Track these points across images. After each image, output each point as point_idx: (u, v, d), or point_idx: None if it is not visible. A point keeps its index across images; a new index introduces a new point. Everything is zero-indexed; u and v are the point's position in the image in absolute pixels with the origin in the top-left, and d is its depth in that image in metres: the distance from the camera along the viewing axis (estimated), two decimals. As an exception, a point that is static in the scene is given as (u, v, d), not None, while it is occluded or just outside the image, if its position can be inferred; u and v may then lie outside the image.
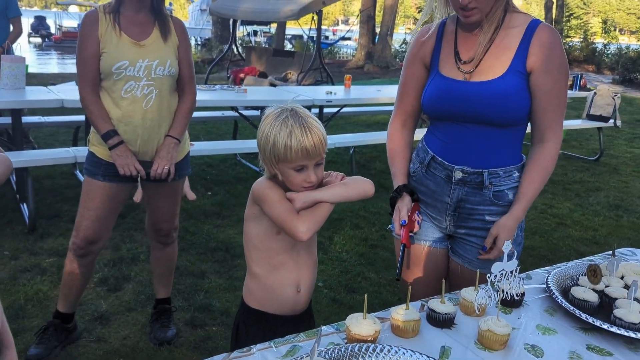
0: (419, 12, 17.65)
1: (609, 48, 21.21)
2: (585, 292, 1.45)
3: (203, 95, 5.14)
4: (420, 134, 1.83)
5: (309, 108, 5.22)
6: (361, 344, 1.15)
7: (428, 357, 1.10)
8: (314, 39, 9.92)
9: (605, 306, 1.44)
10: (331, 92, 5.57)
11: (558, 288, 1.50)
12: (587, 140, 8.02)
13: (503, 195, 1.67)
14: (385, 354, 1.12)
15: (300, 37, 25.25)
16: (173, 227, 2.67)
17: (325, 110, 5.63)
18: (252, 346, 1.22)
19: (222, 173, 5.69)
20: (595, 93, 7.03)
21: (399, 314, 1.25)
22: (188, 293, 3.17)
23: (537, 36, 1.60)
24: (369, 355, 1.12)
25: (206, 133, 7.15)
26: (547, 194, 5.39)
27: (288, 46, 21.10)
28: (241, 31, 24.11)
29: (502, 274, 1.32)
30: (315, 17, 9.44)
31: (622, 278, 1.56)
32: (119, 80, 2.23)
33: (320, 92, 5.67)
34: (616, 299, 1.43)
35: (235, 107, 5.65)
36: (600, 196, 5.58)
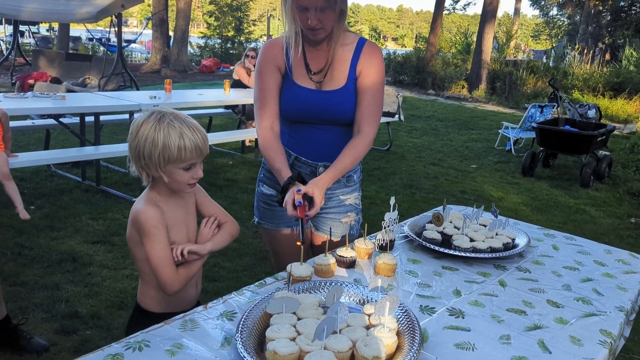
0: (210, 16, 17.70)
1: (381, 53, 24.13)
2: (432, 232, 2.02)
3: (13, 103, 4.78)
4: (241, 134, 2.06)
5: (132, 113, 5.22)
6: (314, 281, 1.55)
7: (358, 285, 1.53)
8: (102, 41, 9.54)
9: (445, 240, 2.03)
10: (155, 97, 5.63)
11: (413, 232, 2.05)
12: (378, 133, 9.32)
13: (351, 178, 2.10)
14: (329, 285, 1.53)
15: (79, 38, 23.47)
16: None
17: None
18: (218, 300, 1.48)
19: (40, 186, 5.34)
20: (382, 92, 8.24)
21: (322, 260, 1.65)
22: (47, 305, 3.09)
23: (364, 50, 1.96)
24: (323, 288, 1.52)
25: None
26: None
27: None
28: (2, 31, 21.50)
29: (390, 220, 1.81)
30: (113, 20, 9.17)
31: (450, 222, 2.18)
32: None
33: (143, 97, 5.68)
34: (452, 235, 2.03)
35: (56, 115, 5.27)
36: (396, 179, 6.66)
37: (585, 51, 19.32)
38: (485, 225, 2.12)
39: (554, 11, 32.28)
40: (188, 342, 1.26)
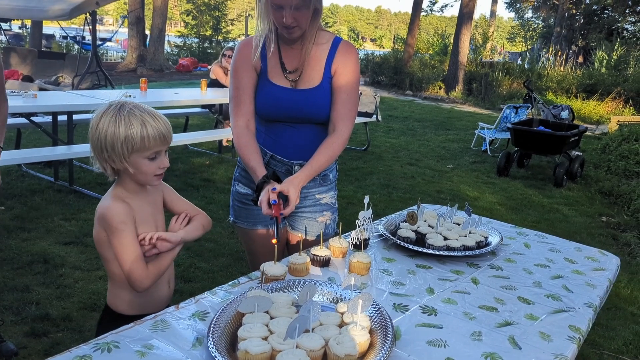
0: (188, 15, 17.57)
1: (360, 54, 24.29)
2: (406, 231, 2.03)
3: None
4: (218, 134, 2.06)
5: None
6: (288, 280, 1.54)
7: (332, 284, 1.53)
8: (77, 39, 9.38)
9: (419, 239, 2.04)
10: (130, 95, 5.55)
11: (388, 232, 2.06)
12: (356, 134, 9.35)
13: (327, 177, 2.10)
14: (303, 284, 1.52)
15: (52, 36, 23.02)
16: None
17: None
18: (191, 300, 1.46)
19: (10, 186, 5.22)
20: (361, 93, 8.29)
21: (296, 259, 1.64)
22: (17, 307, 3.02)
23: (339, 49, 1.96)
24: (296, 287, 1.52)
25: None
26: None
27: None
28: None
29: (364, 219, 1.81)
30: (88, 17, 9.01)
31: (425, 221, 2.19)
32: None
33: (118, 96, 5.59)
34: (426, 233, 2.04)
35: (27, 114, 5.16)
36: (373, 178, 6.68)
37: (559, 53, 19.68)
38: (458, 224, 2.14)
39: (529, 14, 32.81)
40: (159, 342, 1.24)
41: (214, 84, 7.53)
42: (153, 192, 1.64)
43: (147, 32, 19.20)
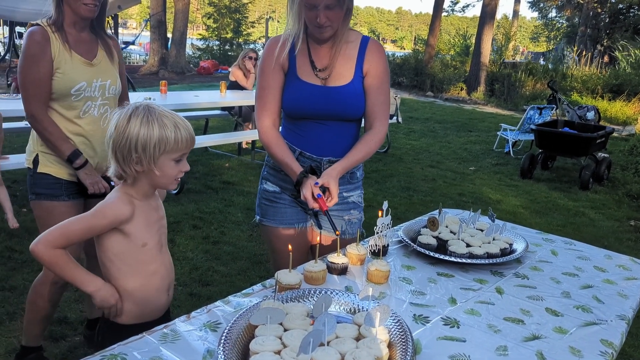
0: (209, 18, 17.74)
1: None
2: (427, 237, 1.95)
3: (6, 105, 4.72)
4: (237, 136, 2.06)
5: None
6: (303, 289, 1.48)
7: (348, 293, 1.47)
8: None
9: (440, 246, 1.97)
10: (150, 98, 5.57)
11: (408, 238, 1.99)
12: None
13: (354, 174, 2.09)
14: (318, 294, 1.46)
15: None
16: None
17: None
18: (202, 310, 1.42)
19: (33, 188, 5.27)
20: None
21: (312, 267, 1.59)
22: (36, 310, 3.02)
23: (369, 48, 2.01)
24: (312, 297, 1.46)
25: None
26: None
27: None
28: (0, 32, 21.43)
29: (383, 225, 1.75)
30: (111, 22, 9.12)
31: (446, 226, 2.12)
32: (77, 101, 2.18)
33: (139, 98, 5.61)
34: (447, 240, 1.97)
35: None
36: (393, 181, 6.60)
37: (584, 53, 19.30)
38: (482, 230, 2.06)
39: (553, 13, 32.26)
40: (168, 354, 1.20)
41: (234, 86, 7.53)
42: (157, 199, 1.64)
43: (169, 35, 19.37)
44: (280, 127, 2.08)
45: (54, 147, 2.20)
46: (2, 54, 13.06)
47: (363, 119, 2.08)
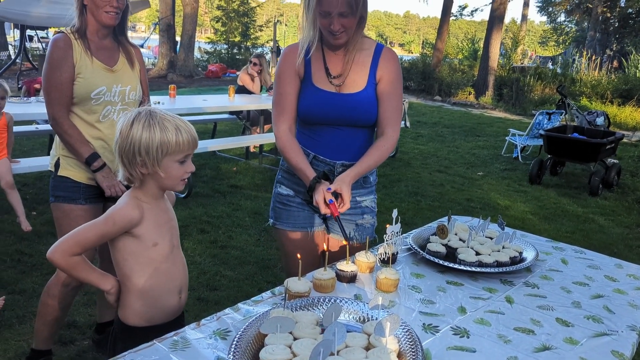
0: (217, 22, 17.83)
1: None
2: (436, 245, 1.95)
3: (17, 108, 4.77)
4: (245, 140, 2.09)
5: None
6: (313, 297, 1.47)
7: (358, 302, 1.47)
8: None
9: (449, 254, 1.96)
10: (158, 102, 5.60)
11: (417, 245, 1.99)
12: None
13: (367, 179, 2.12)
14: (327, 302, 1.46)
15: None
16: None
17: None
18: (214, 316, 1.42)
19: (42, 191, 5.32)
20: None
21: (321, 274, 1.59)
22: (45, 314, 3.04)
23: (383, 56, 2.03)
24: (321, 305, 1.46)
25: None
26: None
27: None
28: (11, 36, 21.63)
29: (392, 233, 1.75)
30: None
31: (456, 234, 2.11)
32: (97, 105, 2.24)
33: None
34: (457, 248, 1.96)
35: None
36: (401, 186, 6.58)
37: (593, 58, 19.20)
38: (491, 238, 2.06)
39: (562, 17, 32.16)
40: (178, 362, 1.20)
41: (241, 90, 7.55)
42: (167, 202, 1.66)
43: (178, 38, 19.47)
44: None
45: (73, 150, 2.26)
46: (12, 58, 13.19)
47: (376, 127, 2.09)
